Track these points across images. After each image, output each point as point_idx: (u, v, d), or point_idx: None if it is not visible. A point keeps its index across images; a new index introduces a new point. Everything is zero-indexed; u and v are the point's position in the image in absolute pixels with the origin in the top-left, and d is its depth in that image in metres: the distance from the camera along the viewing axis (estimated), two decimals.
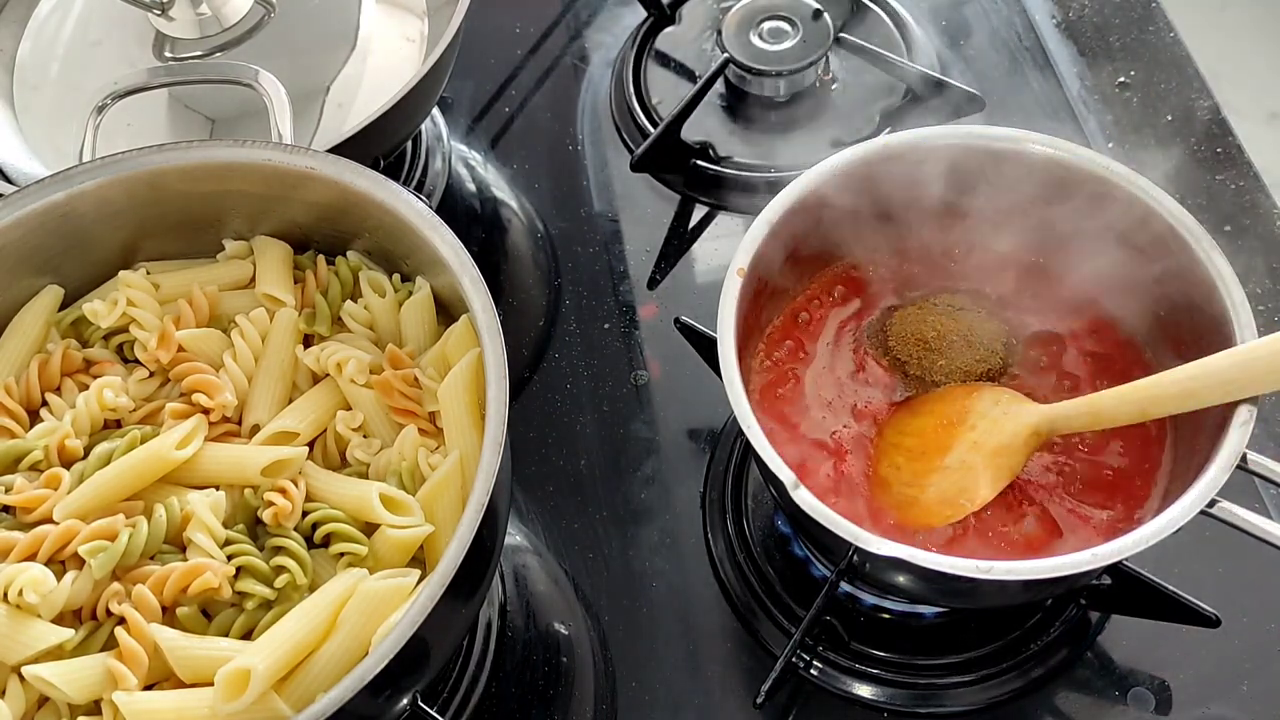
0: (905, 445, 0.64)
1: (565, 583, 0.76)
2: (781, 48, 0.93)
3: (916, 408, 0.66)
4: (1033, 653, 0.70)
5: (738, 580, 0.75)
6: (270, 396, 0.64)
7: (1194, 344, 0.63)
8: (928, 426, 0.64)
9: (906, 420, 0.65)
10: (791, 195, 0.66)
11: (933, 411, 0.65)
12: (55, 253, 0.66)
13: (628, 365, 0.85)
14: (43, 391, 0.64)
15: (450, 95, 1.02)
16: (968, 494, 0.61)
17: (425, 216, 0.62)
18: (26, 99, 0.85)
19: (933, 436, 0.63)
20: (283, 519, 0.58)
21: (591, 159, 0.97)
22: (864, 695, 0.70)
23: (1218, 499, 0.54)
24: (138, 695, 0.53)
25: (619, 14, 1.06)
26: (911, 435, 0.64)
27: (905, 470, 0.63)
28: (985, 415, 0.62)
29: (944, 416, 0.64)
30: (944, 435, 0.63)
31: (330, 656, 0.54)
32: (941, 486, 0.62)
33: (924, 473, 0.62)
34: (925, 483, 0.62)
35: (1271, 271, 0.84)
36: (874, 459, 0.65)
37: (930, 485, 0.62)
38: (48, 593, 0.54)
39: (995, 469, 0.61)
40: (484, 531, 0.52)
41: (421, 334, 0.66)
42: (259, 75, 0.71)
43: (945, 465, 0.62)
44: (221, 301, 0.67)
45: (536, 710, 0.72)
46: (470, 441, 0.59)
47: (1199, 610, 0.65)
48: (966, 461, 0.62)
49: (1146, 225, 0.64)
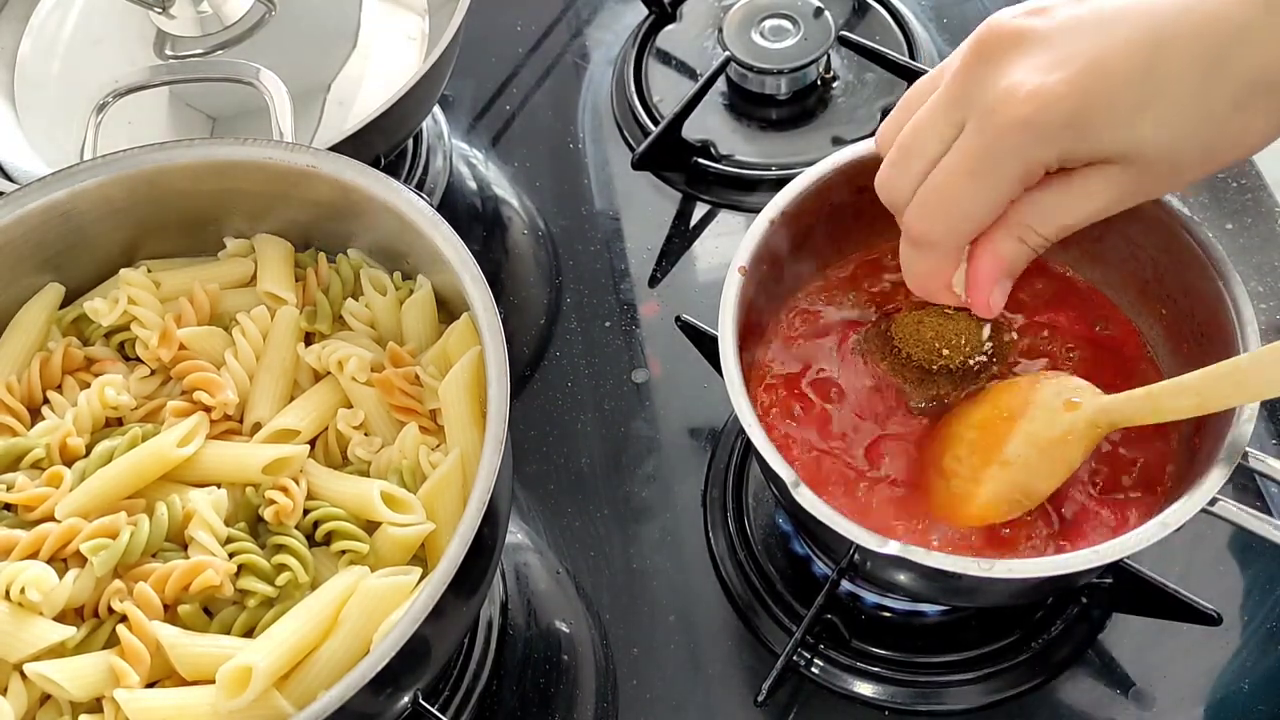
0: (968, 438, 0.62)
1: (566, 581, 0.76)
2: (783, 46, 0.93)
3: (982, 398, 0.64)
4: (1034, 651, 0.70)
5: (739, 578, 0.75)
6: (271, 394, 0.64)
7: (1197, 340, 0.63)
8: (989, 418, 0.62)
9: (971, 411, 0.63)
10: (793, 193, 0.66)
11: (996, 402, 0.62)
12: (56, 250, 0.67)
13: (629, 363, 0.85)
14: (44, 389, 0.64)
15: (451, 93, 1.02)
16: (1023, 489, 0.59)
17: (426, 215, 0.62)
18: (27, 97, 0.85)
19: (993, 429, 0.61)
20: (284, 517, 0.58)
21: (592, 157, 0.97)
22: (865, 693, 0.70)
23: (1219, 497, 0.54)
24: (139, 693, 0.53)
25: (620, 12, 1.06)
26: (975, 428, 0.62)
27: (966, 464, 0.61)
28: (1045, 406, 0.60)
29: (1006, 408, 0.61)
30: (1003, 428, 0.60)
31: (332, 654, 0.54)
32: (999, 481, 0.59)
33: (981, 466, 0.60)
34: (982, 477, 0.60)
35: (1273, 270, 0.84)
36: (935, 449, 0.63)
37: (987, 479, 0.60)
38: (49, 590, 0.54)
39: (1051, 463, 0.59)
40: (485, 529, 0.53)
41: (422, 332, 0.66)
42: (260, 73, 0.71)
43: (1002, 459, 0.59)
44: (223, 299, 0.67)
45: (537, 708, 0.72)
46: (471, 439, 0.59)
47: (1200, 609, 0.65)
48: (1023, 456, 0.59)
49: (1144, 221, 0.64)
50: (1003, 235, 0.56)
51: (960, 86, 0.54)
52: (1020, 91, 0.51)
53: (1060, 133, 0.51)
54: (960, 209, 0.55)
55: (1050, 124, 0.51)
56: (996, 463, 0.60)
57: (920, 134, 0.56)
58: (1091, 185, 0.53)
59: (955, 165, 0.54)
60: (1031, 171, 0.53)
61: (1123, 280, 0.68)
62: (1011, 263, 0.57)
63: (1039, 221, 0.55)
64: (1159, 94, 0.50)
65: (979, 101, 0.53)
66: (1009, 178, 0.53)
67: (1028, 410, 0.60)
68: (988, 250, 0.57)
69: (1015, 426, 0.60)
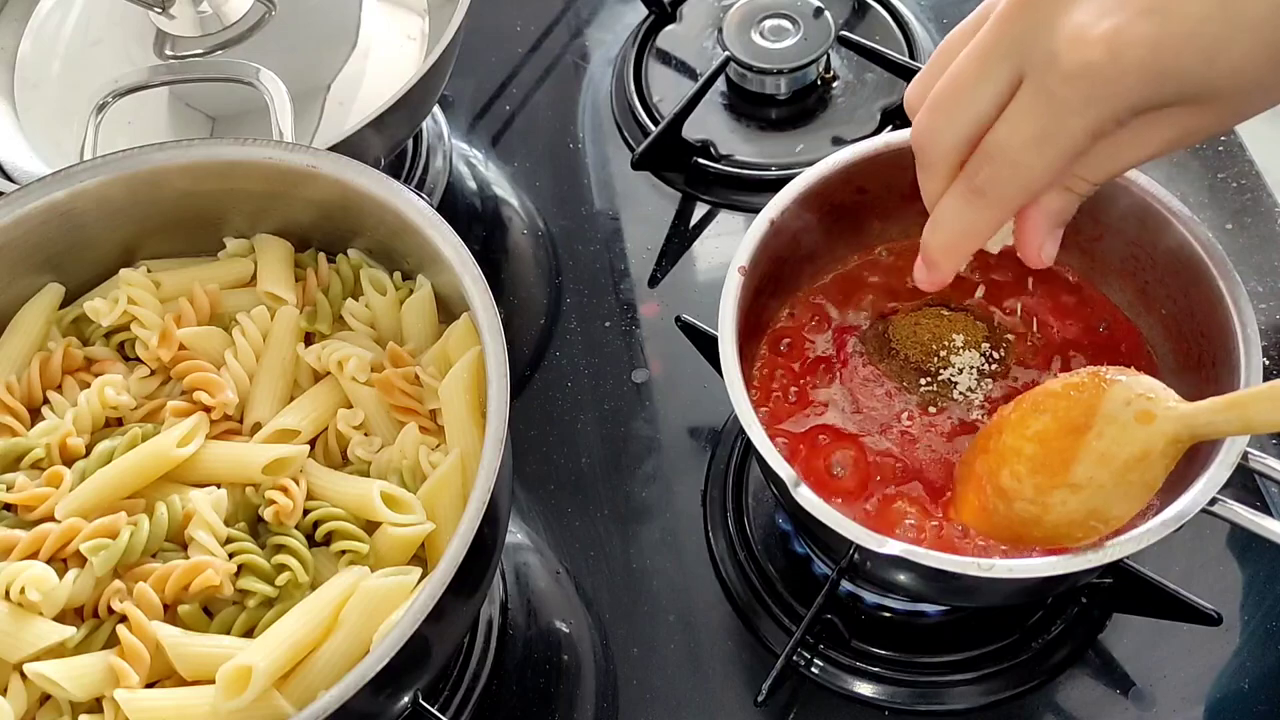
0: (1027, 453, 0.55)
1: (566, 581, 0.76)
2: (783, 46, 0.93)
3: (1038, 404, 0.56)
4: (1034, 651, 0.70)
5: (739, 578, 0.75)
6: (271, 394, 0.64)
7: (1197, 340, 0.63)
8: (1051, 431, 0.55)
9: (1028, 420, 0.56)
10: (793, 193, 0.66)
11: (1055, 411, 0.55)
12: (56, 251, 0.67)
13: (629, 363, 0.85)
14: (44, 390, 0.64)
15: (451, 93, 1.02)
16: (1099, 515, 0.54)
17: (426, 215, 0.62)
18: (27, 97, 0.85)
19: (1056, 444, 0.54)
20: (284, 517, 0.58)
21: (592, 157, 0.97)
22: (865, 693, 0.70)
23: (1219, 497, 0.54)
24: (139, 693, 0.53)
25: (620, 12, 1.06)
26: (1034, 441, 0.55)
27: (1028, 484, 0.55)
28: (1114, 420, 0.52)
29: (1068, 419, 0.54)
30: (1069, 444, 0.54)
31: (331, 654, 0.54)
32: (1069, 506, 0.54)
33: (1048, 488, 0.54)
34: (1049, 500, 0.54)
35: (1273, 270, 0.84)
36: (987, 463, 0.58)
37: (1055, 504, 0.54)
38: (49, 590, 0.54)
39: (1128, 486, 0.53)
40: (485, 529, 0.53)
41: (422, 332, 0.66)
42: (260, 73, 0.71)
43: (1071, 482, 0.53)
44: (223, 300, 0.67)
45: (537, 708, 0.72)
46: (471, 439, 0.59)
47: (1200, 609, 0.65)
48: (1096, 479, 0.53)
49: (1144, 221, 0.64)
50: (1052, 189, 0.52)
51: (1009, 30, 0.48)
52: (1088, 34, 0.45)
53: (1135, 80, 0.46)
54: (1024, 178, 0.50)
55: (1124, 71, 0.45)
56: (1066, 485, 0.54)
57: (963, 84, 0.51)
58: (1150, 130, 0.49)
59: (1017, 132, 0.49)
60: (1103, 129, 0.48)
61: (1123, 280, 0.68)
62: (1061, 212, 0.53)
63: (1090, 171, 0.51)
64: (1237, 26, 0.44)
65: (1036, 48, 0.47)
66: (1078, 137, 0.48)
67: (1094, 423, 0.53)
68: (1036, 205, 0.53)
69: (1082, 442, 0.53)
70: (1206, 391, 0.59)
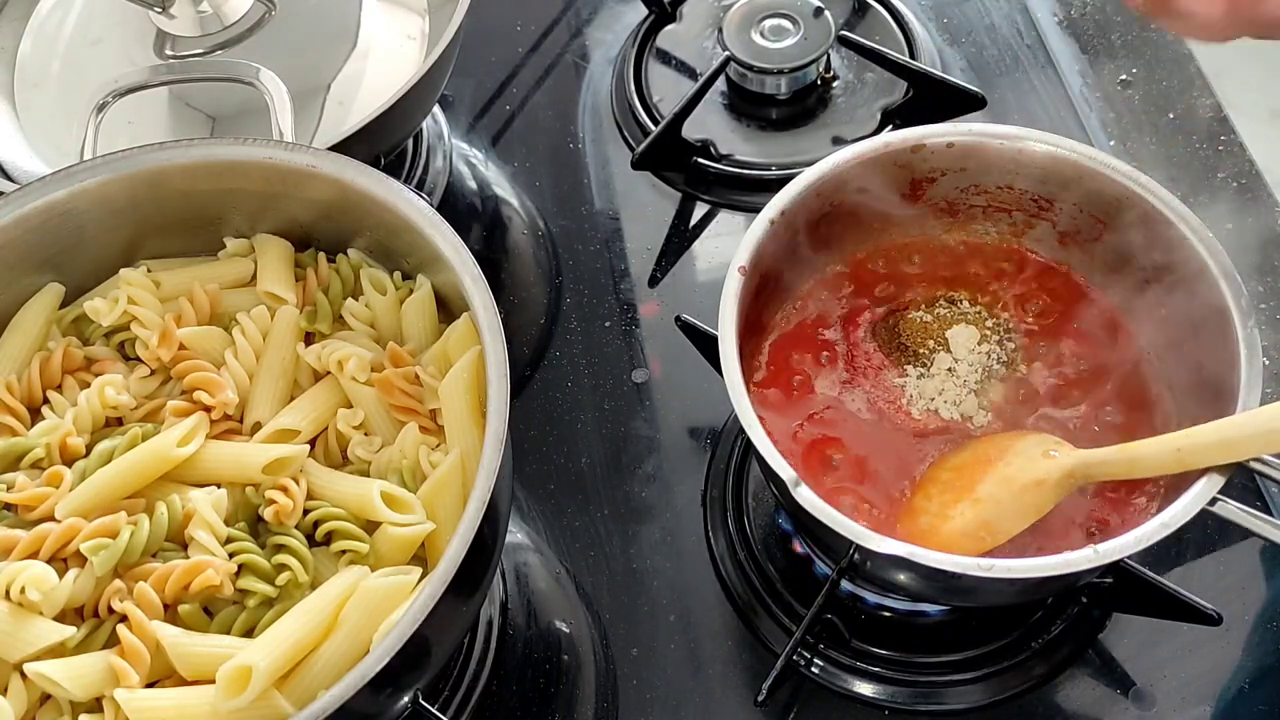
0: (942, 479, 0.63)
1: (566, 580, 0.76)
2: (783, 45, 0.93)
3: (963, 446, 0.65)
4: (1034, 651, 0.70)
5: (739, 578, 0.75)
6: (271, 394, 0.64)
7: (1196, 340, 0.63)
8: (966, 463, 0.64)
9: (950, 456, 0.65)
10: (792, 193, 0.66)
11: (975, 450, 0.64)
12: (56, 250, 0.67)
13: (629, 363, 0.85)
14: (44, 389, 0.64)
15: (451, 93, 1.02)
16: (989, 528, 0.61)
17: (426, 214, 0.62)
18: (27, 97, 0.85)
19: (968, 472, 0.63)
20: (284, 517, 0.58)
21: (592, 157, 0.97)
22: (865, 693, 0.70)
23: (1219, 497, 0.54)
24: (139, 692, 0.53)
25: (620, 12, 1.06)
26: (950, 470, 0.64)
27: (935, 501, 0.63)
28: (1022, 454, 0.62)
29: (984, 455, 0.63)
30: (978, 471, 0.62)
31: (331, 654, 0.54)
32: (966, 518, 0.61)
33: (951, 503, 0.62)
34: (950, 513, 0.62)
35: (1274, 270, 0.84)
36: (912, 489, 0.64)
37: (954, 515, 0.61)
38: (50, 590, 0.54)
39: (1022, 506, 0.60)
40: (485, 529, 0.53)
41: (422, 332, 0.66)
42: (260, 73, 0.71)
43: (974, 497, 0.61)
44: (223, 299, 0.67)
45: (537, 708, 0.72)
46: (471, 439, 0.59)
47: (1200, 608, 0.65)
48: (994, 495, 0.61)
49: (1146, 223, 0.64)
50: None
51: None
52: None
53: None
54: None
55: None
56: (967, 500, 0.61)
57: None
58: None
59: None
60: None
61: (1123, 280, 0.68)
62: None
63: None
64: None
65: None
66: None
67: (1005, 456, 0.62)
68: None
69: (991, 469, 0.62)
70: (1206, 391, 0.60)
